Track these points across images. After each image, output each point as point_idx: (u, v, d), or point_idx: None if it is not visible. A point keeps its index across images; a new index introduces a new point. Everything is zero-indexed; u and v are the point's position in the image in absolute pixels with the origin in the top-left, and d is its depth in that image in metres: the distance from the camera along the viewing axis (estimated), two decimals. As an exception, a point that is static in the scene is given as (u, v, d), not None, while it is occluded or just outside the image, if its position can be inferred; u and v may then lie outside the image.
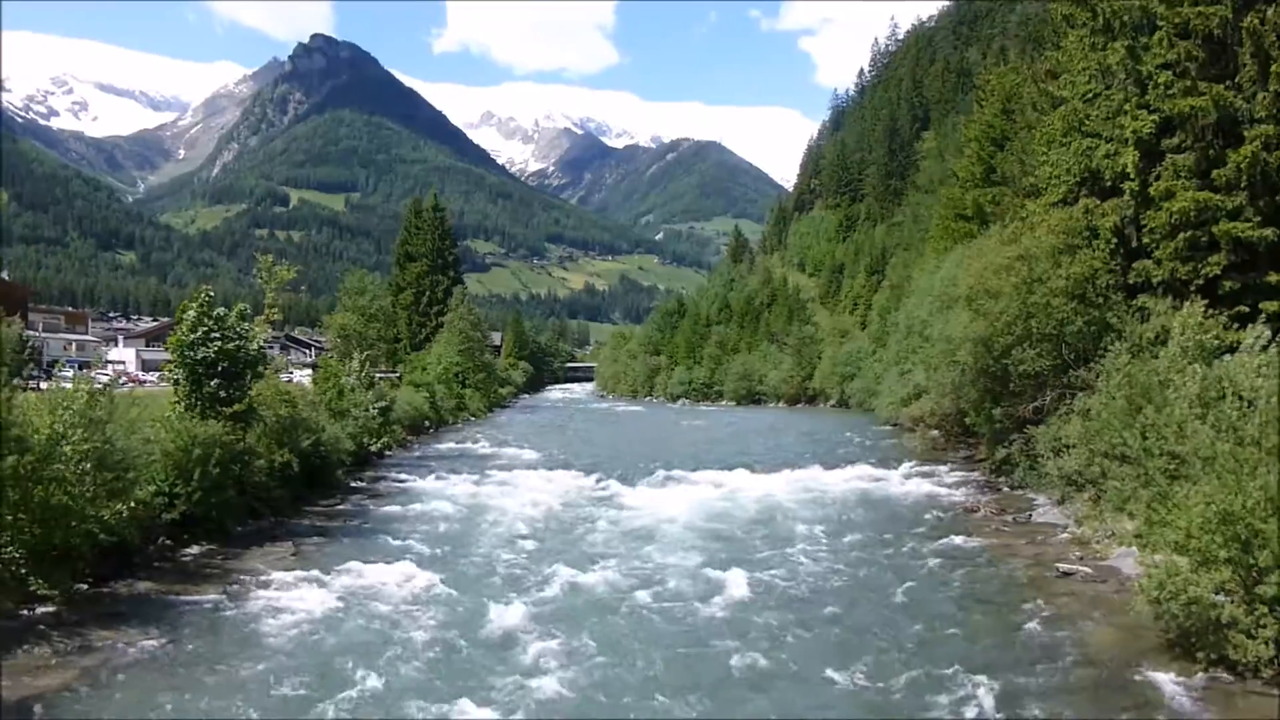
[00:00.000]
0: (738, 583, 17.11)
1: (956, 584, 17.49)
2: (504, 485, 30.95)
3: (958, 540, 21.04)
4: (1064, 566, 17.91)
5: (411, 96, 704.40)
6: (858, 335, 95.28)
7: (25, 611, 14.40)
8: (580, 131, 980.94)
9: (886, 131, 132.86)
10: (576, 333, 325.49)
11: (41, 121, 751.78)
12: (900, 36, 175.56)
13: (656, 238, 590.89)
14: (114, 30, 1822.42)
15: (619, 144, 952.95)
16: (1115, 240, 24.65)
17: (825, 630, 14.47)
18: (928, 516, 24.72)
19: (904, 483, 31.13)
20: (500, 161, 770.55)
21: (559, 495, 28.77)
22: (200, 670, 12.55)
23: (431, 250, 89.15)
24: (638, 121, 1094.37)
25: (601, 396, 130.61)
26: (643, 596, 16.39)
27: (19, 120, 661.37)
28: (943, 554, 19.93)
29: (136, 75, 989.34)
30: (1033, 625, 14.50)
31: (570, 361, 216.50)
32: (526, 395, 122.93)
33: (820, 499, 28.07)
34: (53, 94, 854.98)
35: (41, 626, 13.97)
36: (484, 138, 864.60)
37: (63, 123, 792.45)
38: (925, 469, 34.13)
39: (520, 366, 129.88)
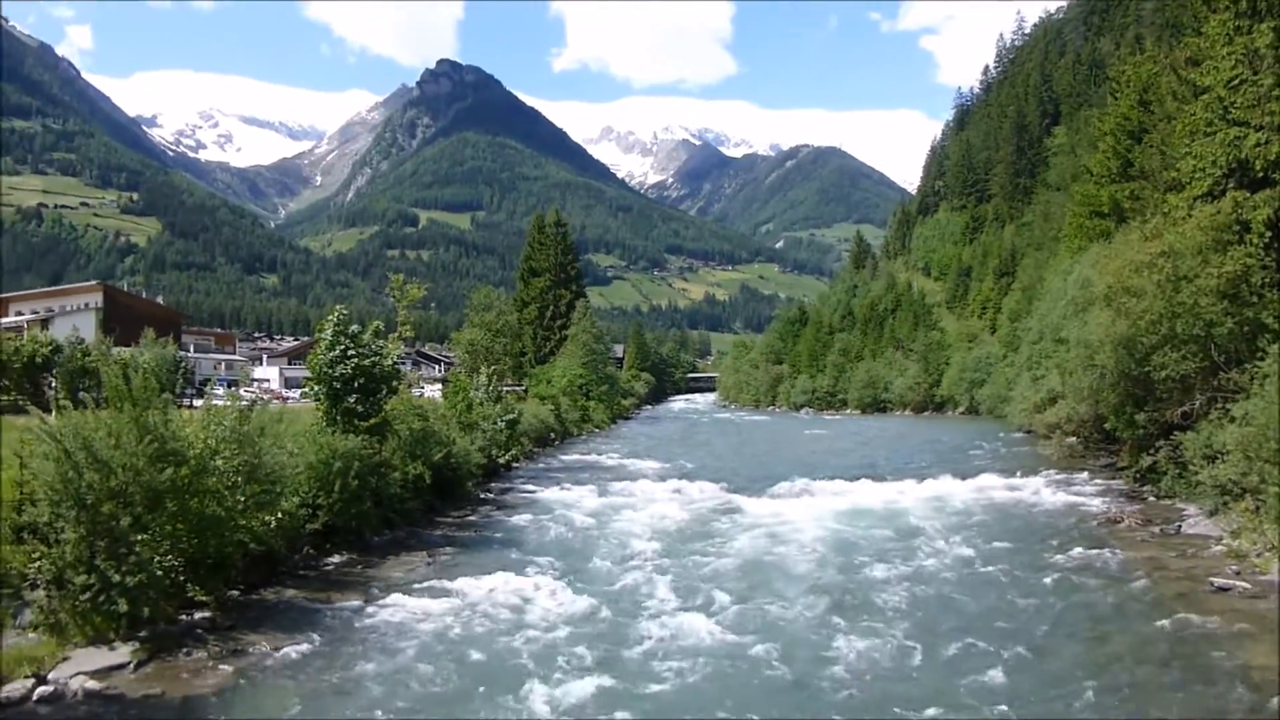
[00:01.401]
0: (863, 600, 16.82)
1: (1100, 600, 16.71)
2: (628, 496, 31.15)
3: (1101, 553, 20.12)
4: (1219, 581, 16.90)
5: (533, 115, 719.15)
6: (987, 340, 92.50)
7: (184, 616, 15.26)
8: (698, 142, 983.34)
9: (1014, 128, 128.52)
10: (698, 343, 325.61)
11: (191, 154, 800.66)
12: (1027, 30, 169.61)
13: (776, 246, 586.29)
14: (256, 65, 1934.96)
15: (737, 153, 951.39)
16: (1269, 234, 23.22)
17: (958, 649, 13.99)
18: (1067, 528, 23.73)
19: (1040, 492, 29.97)
20: (620, 175, 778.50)
21: (683, 506, 28.80)
22: (344, 675, 13.05)
23: (554, 265, 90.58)
24: (756, 130, 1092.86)
25: (724, 406, 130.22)
26: (766, 613, 16.22)
27: (171, 153, 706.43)
28: (1085, 568, 19.08)
29: (277, 107, 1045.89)
30: (1185, 644, 13.73)
31: (692, 372, 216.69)
32: (649, 406, 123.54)
33: (950, 509, 27.31)
34: (200, 128, 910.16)
35: (199, 630, 14.78)
36: (604, 152, 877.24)
37: (210, 155, 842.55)
38: (1063, 478, 32.81)
39: (642, 378, 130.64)
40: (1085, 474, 33.42)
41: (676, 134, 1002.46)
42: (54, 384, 37.87)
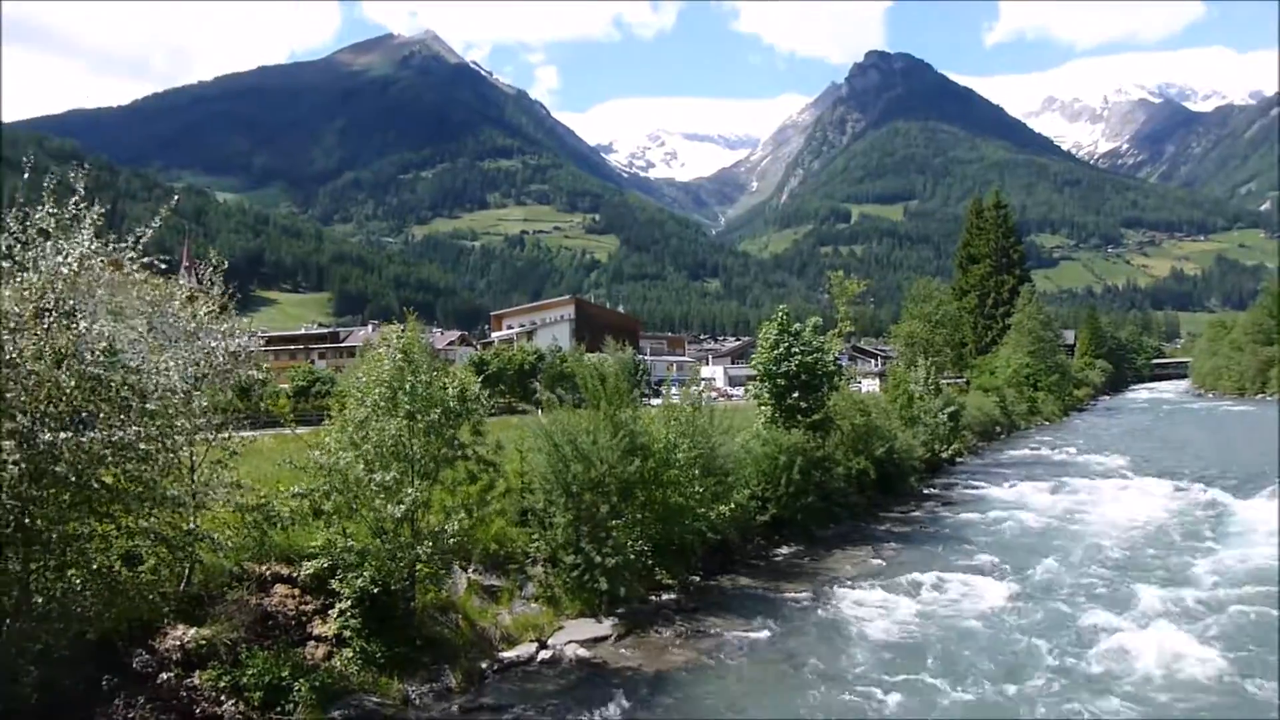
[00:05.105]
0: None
1: None
2: (1084, 495, 28.93)
3: None
4: None
5: (966, 95, 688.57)
6: None
7: (653, 597, 16.89)
8: (1158, 100, 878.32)
9: None
10: (1163, 325, 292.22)
11: (641, 174, 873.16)
12: None
13: (1261, 209, 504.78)
14: (694, 84, 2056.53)
15: (1207, 107, 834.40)
16: None
17: None
18: None
19: None
20: (1065, 147, 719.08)
21: (1150, 507, 26.13)
22: (800, 663, 13.63)
23: (994, 250, 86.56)
24: (1230, 78, 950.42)
25: (1198, 395, 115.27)
26: (1253, 646, 14.08)
27: (625, 175, 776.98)
28: None
29: (714, 121, 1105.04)
30: None
31: (1157, 358, 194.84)
32: (1106, 396, 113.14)
33: None
34: (649, 149, 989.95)
35: (666, 611, 16.28)
36: (1046, 124, 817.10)
37: (658, 172, 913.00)
38: None
39: (1097, 365, 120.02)
40: None
41: (1131, 94, 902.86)
42: (539, 387, 43.56)
